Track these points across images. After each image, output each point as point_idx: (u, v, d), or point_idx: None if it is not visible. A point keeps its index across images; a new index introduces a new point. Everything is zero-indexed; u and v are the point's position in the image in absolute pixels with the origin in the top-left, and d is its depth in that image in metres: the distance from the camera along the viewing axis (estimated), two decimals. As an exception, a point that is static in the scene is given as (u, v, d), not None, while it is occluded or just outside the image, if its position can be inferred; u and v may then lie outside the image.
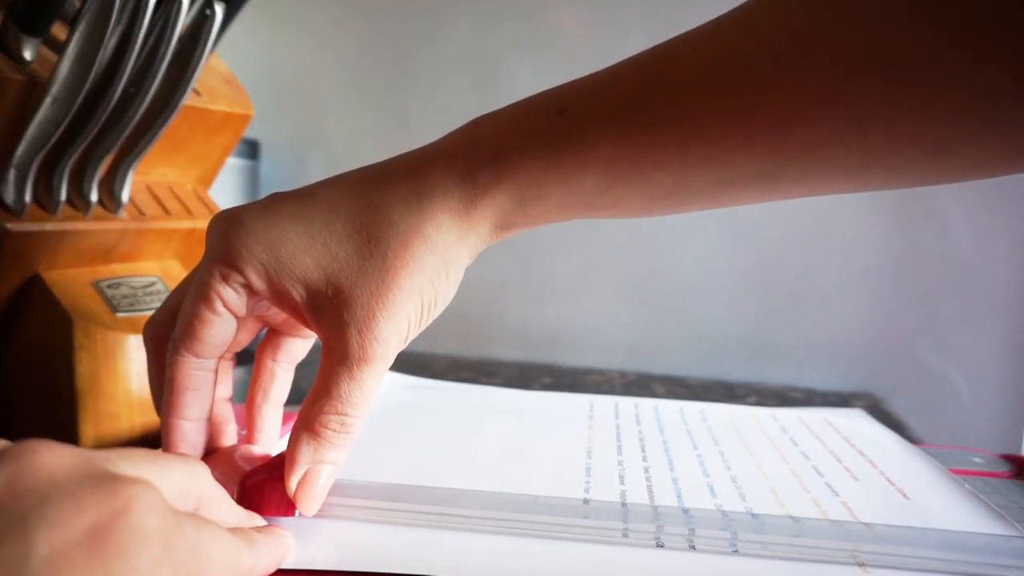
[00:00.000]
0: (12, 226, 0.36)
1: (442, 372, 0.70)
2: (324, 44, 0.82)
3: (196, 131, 0.47)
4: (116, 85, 0.36)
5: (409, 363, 0.70)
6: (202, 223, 0.50)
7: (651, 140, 0.25)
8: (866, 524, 0.29)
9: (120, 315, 0.40)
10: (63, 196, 0.38)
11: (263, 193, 0.87)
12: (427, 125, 0.80)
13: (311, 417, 0.27)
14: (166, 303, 0.30)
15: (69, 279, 0.40)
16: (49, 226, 0.38)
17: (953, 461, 0.40)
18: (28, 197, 0.37)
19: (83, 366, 0.38)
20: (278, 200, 0.28)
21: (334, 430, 0.27)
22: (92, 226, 0.40)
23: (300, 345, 0.33)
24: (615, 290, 0.77)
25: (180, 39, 0.38)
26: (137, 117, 0.38)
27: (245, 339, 0.31)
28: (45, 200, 0.38)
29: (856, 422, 0.47)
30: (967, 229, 0.70)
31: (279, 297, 0.27)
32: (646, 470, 0.36)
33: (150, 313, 0.32)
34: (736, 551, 0.27)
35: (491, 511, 0.29)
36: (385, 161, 0.29)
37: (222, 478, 0.27)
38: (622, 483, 0.34)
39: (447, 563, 0.26)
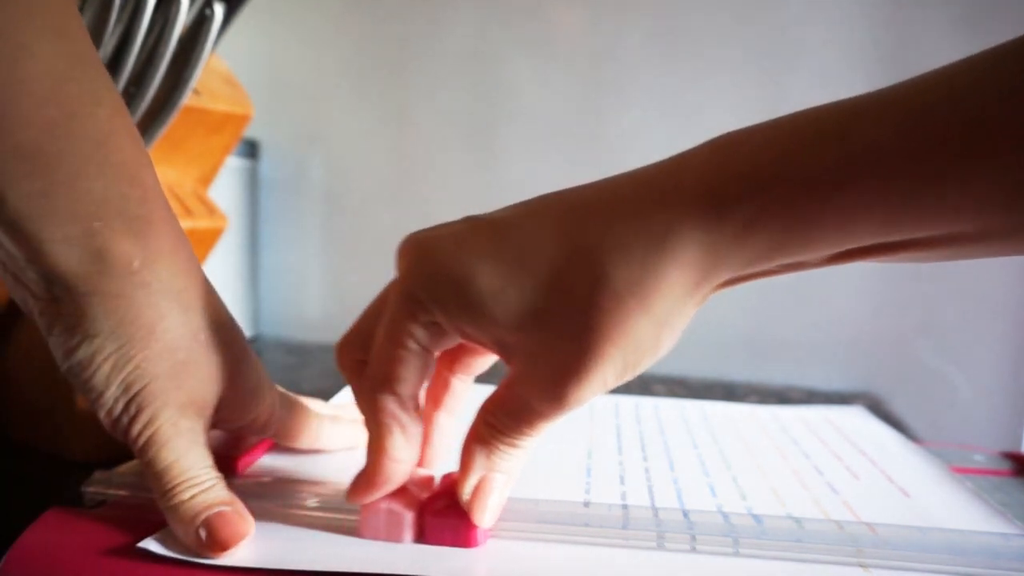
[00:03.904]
0: (12, 226, 0.36)
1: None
2: (324, 44, 0.82)
3: (196, 131, 0.47)
4: (116, 85, 0.36)
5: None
6: (202, 223, 0.50)
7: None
8: (869, 525, 0.28)
9: (120, 315, 0.40)
10: (63, 196, 0.38)
11: (263, 193, 0.87)
12: (427, 125, 0.80)
13: (486, 434, 0.26)
14: (355, 327, 0.29)
15: (69, 279, 0.40)
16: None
17: (954, 459, 0.40)
18: (28, 197, 0.37)
19: (83, 366, 0.38)
20: (471, 229, 0.25)
21: (507, 446, 0.26)
22: (92, 226, 0.40)
23: (481, 363, 0.30)
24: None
25: (180, 39, 0.38)
26: (137, 117, 0.38)
27: (463, 380, 0.30)
28: (45, 200, 0.38)
29: (856, 420, 0.47)
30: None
31: (468, 337, 0.26)
32: (646, 470, 0.36)
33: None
34: (737, 552, 0.27)
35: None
36: (596, 187, 0.25)
37: (400, 508, 0.27)
38: (622, 483, 0.34)
39: (445, 565, 0.26)
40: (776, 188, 0.21)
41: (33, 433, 0.41)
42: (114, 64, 0.36)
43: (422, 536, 0.27)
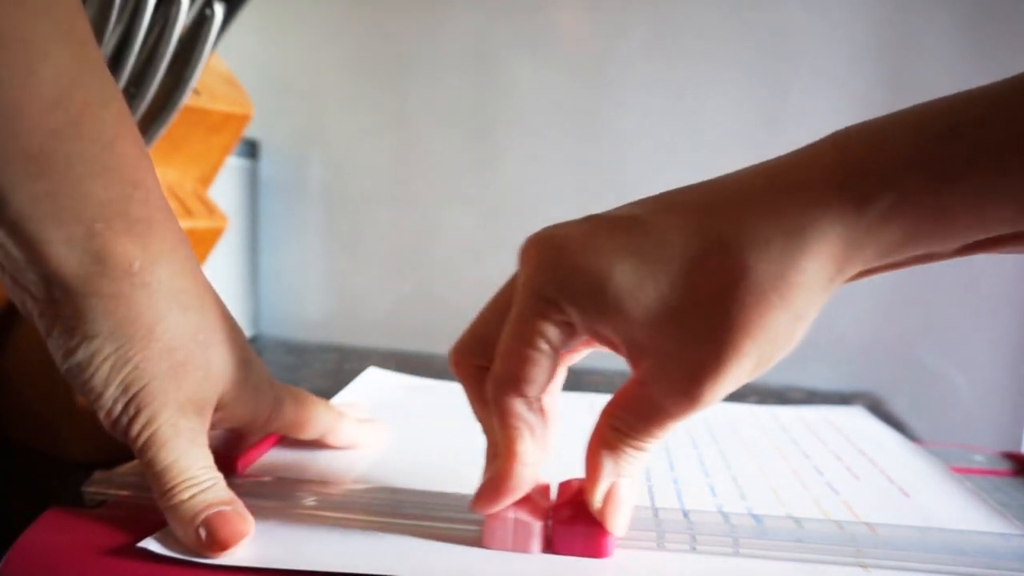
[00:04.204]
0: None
1: (442, 372, 0.70)
2: (324, 44, 0.82)
3: (196, 131, 0.47)
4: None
5: (409, 363, 0.70)
6: (202, 223, 0.50)
7: None
8: (868, 525, 0.28)
9: (120, 315, 0.40)
10: (63, 196, 0.38)
11: (263, 193, 0.87)
12: (427, 125, 0.80)
13: (612, 438, 0.26)
14: (472, 331, 0.28)
15: (69, 279, 0.40)
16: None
17: (953, 459, 0.40)
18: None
19: (83, 366, 0.38)
20: (601, 226, 0.25)
21: (635, 450, 0.26)
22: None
23: (585, 353, 0.30)
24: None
25: (180, 39, 0.38)
26: (137, 117, 0.38)
27: (562, 368, 0.30)
28: (45, 200, 0.38)
29: (856, 420, 0.47)
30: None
31: (599, 336, 0.25)
32: (647, 471, 0.36)
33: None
34: (737, 552, 0.27)
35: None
36: (724, 183, 0.25)
37: (528, 517, 0.26)
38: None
39: (446, 566, 0.26)
40: (912, 179, 0.21)
41: (33, 433, 0.41)
42: (114, 64, 0.36)
43: (550, 546, 0.26)
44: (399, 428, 0.41)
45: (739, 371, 0.23)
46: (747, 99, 0.73)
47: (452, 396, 0.51)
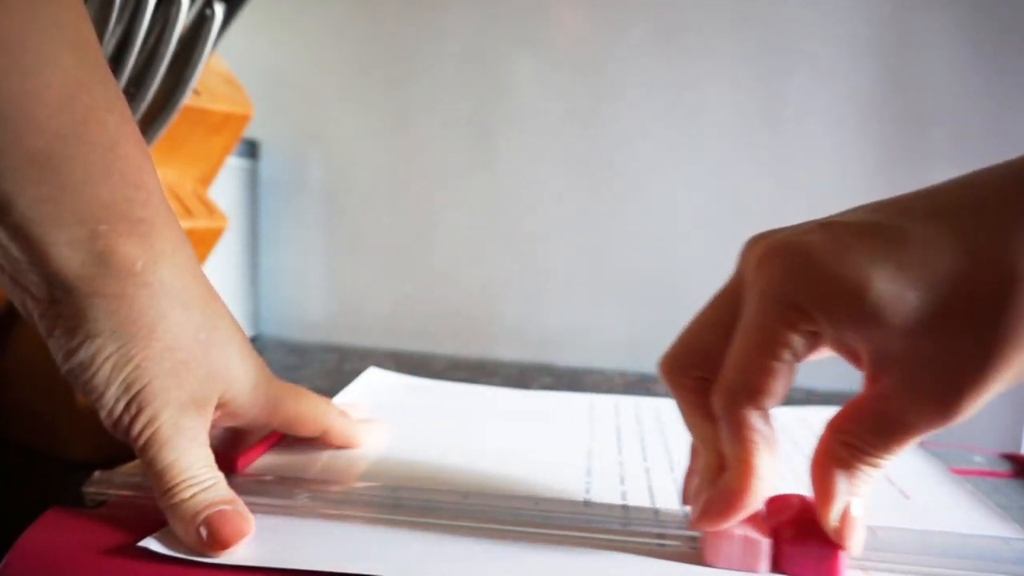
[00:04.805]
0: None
1: (442, 372, 0.70)
2: (324, 44, 0.82)
3: (196, 131, 0.47)
4: (116, 85, 0.36)
5: (409, 363, 0.70)
6: (202, 223, 0.50)
7: None
8: (869, 528, 0.28)
9: (120, 315, 0.40)
10: (63, 196, 0.38)
11: (263, 193, 0.87)
12: (427, 125, 0.80)
13: (846, 455, 0.25)
14: (687, 340, 0.27)
15: (69, 279, 0.40)
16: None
17: (953, 460, 0.40)
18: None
19: (83, 366, 0.38)
20: (846, 233, 0.24)
21: (870, 467, 0.25)
22: (92, 226, 0.40)
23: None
24: (615, 290, 0.77)
25: (180, 39, 0.38)
26: (137, 117, 0.38)
27: None
28: (45, 200, 0.38)
29: (856, 422, 0.47)
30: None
31: (843, 347, 0.25)
32: (647, 470, 0.36)
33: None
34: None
35: (492, 513, 0.29)
36: (977, 181, 0.24)
37: (757, 535, 0.26)
38: (622, 483, 0.34)
39: (447, 566, 0.26)
40: None
41: (33, 434, 0.41)
42: (114, 64, 0.36)
43: (777, 566, 0.26)
44: (399, 428, 0.41)
45: (999, 383, 0.22)
46: (747, 98, 0.73)
47: (452, 396, 0.51)
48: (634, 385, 0.68)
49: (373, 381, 0.52)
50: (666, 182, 0.75)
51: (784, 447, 0.41)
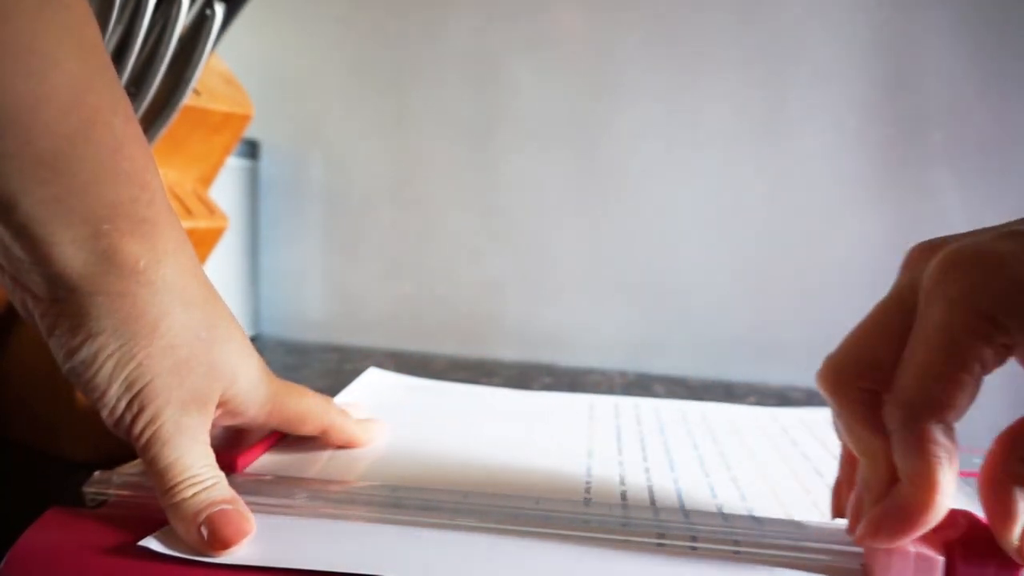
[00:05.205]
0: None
1: (442, 372, 0.70)
2: (324, 44, 0.82)
3: (196, 131, 0.47)
4: (116, 85, 0.36)
5: (409, 363, 0.70)
6: (203, 223, 0.50)
7: None
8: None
9: (120, 315, 0.40)
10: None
11: (263, 193, 0.87)
12: (427, 125, 0.80)
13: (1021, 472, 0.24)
14: (854, 350, 0.27)
15: (69, 279, 0.40)
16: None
17: (953, 461, 0.40)
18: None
19: (83, 366, 0.38)
20: None
21: None
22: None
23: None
24: (615, 290, 0.77)
25: (180, 39, 0.38)
26: (137, 117, 0.38)
27: None
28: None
29: (856, 422, 0.47)
30: (968, 229, 0.70)
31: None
32: (647, 470, 0.36)
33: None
34: (737, 553, 0.27)
35: (492, 512, 0.29)
36: None
37: (932, 552, 0.25)
38: (623, 483, 0.34)
39: (447, 566, 0.26)
40: None
41: (33, 433, 0.41)
42: (114, 64, 0.36)
43: None
44: (399, 428, 0.41)
45: None
46: (747, 101, 0.73)
47: (452, 396, 0.51)
48: (634, 385, 0.68)
49: (373, 381, 0.52)
50: (666, 183, 0.75)
51: (784, 447, 0.41)
